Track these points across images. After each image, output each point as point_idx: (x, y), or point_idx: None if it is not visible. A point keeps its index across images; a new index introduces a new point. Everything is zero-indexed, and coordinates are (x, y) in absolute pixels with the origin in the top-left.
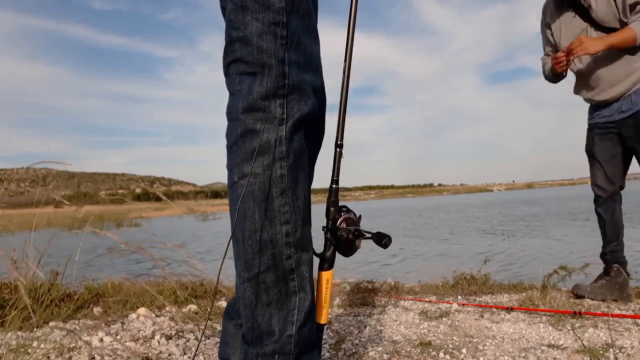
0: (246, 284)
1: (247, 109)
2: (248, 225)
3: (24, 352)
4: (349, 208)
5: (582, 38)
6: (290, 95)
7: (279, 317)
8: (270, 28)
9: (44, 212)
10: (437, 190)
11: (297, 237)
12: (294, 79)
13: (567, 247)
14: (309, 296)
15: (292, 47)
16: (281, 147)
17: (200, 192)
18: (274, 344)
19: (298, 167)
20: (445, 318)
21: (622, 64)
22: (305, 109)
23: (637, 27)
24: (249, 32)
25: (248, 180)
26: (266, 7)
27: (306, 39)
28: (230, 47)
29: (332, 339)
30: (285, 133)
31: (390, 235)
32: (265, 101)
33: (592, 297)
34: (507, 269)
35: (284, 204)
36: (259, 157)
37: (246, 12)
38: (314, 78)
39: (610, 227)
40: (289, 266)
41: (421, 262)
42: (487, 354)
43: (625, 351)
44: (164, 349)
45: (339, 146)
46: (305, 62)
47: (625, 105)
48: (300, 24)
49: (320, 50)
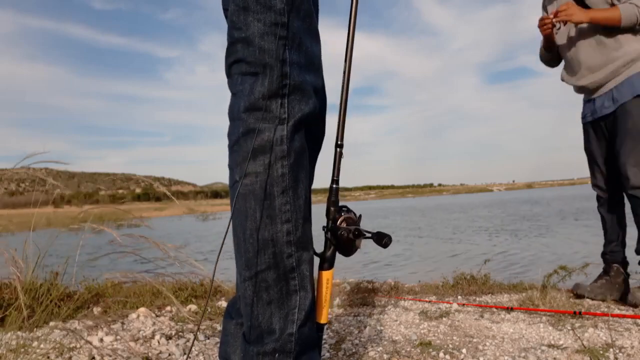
0: (247, 282)
1: (249, 108)
2: (249, 224)
3: (23, 352)
4: (349, 208)
5: (569, 4)
6: (291, 95)
7: (280, 316)
8: (272, 29)
9: (44, 212)
10: (437, 190)
11: (298, 236)
12: (295, 79)
13: (571, 246)
14: (309, 295)
15: (293, 48)
16: (282, 146)
17: (200, 192)
18: (275, 342)
19: (299, 167)
20: (445, 318)
21: (602, 50)
22: (306, 109)
23: (624, 9)
24: (250, 32)
25: (249, 179)
26: (268, 8)
27: (307, 39)
28: (232, 47)
29: (332, 339)
30: (286, 132)
31: (391, 235)
32: (267, 101)
33: (592, 296)
34: (511, 269)
35: (285, 202)
36: (260, 156)
37: (248, 13)
38: (315, 78)
39: (610, 227)
40: (289, 265)
41: (429, 263)
42: (487, 354)
43: (625, 351)
44: (164, 349)
45: (339, 146)
46: (307, 62)
47: (607, 102)
48: (301, 25)
49: (321, 51)
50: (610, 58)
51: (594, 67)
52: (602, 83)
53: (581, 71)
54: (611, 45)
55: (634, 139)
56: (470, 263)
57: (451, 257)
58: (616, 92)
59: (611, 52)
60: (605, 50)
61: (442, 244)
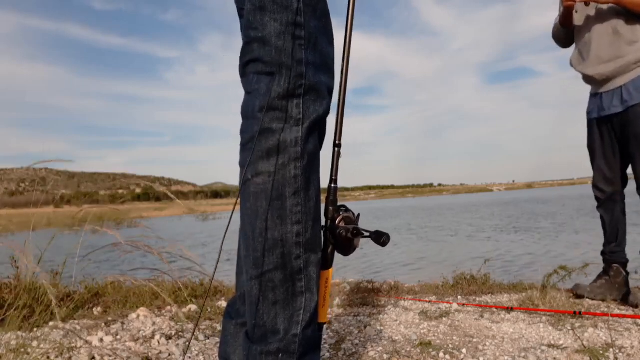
0: (254, 281)
1: (265, 108)
2: (259, 223)
3: (23, 352)
4: (348, 207)
5: None
6: (306, 96)
7: (285, 317)
8: (289, 28)
9: (44, 212)
10: (437, 190)
11: (307, 238)
12: (310, 80)
13: (576, 246)
14: (315, 297)
15: (309, 48)
16: (297, 148)
17: (200, 192)
18: (279, 342)
19: (311, 169)
20: (445, 318)
21: (616, 40)
22: (321, 110)
23: None
24: (267, 32)
25: (262, 178)
26: (284, 8)
27: (323, 39)
28: (248, 47)
29: (332, 339)
30: (301, 134)
31: (389, 234)
32: (283, 101)
33: (592, 297)
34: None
35: (296, 204)
36: (273, 156)
37: (265, 13)
38: (329, 79)
39: (609, 227)
40: (297, 266)
41: (438, 264)
42: (487, 354)
43: (625, 351)
44: (164, 349)
45: (337, 146)
46: (322, 62)
47: (616, 100)
48: (317, 25)
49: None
50: (622, 51)
51: (604, 57)
52: (610, 77)
53: (590, 59)
54: (627, 37)
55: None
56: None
57: (478, 258)
58: (625, 91)
59: (624, 46)
60: (619, 41)
61: (468, 243)
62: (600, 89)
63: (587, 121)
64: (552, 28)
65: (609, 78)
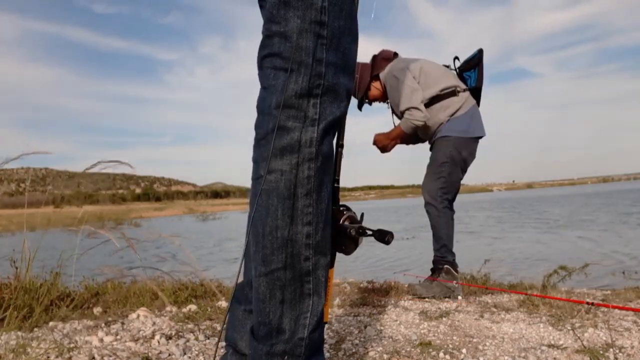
0: (262, 278)
1: (281, 105)
2: (270, 221)
3: (23, 352)
4: (349, 207)
5: (375, 136)
6: (324, 97)
7: (291, 317)
8: (312, 26)
9: (44, 212)
10: None
11: (317, 240)
12: (329, 81)
13: (582, 246)
14: (322, 301)
15: (331, 48)
16: (311, 149)
17: (200, 192)
18: (284, 344)
19: (325, 171)
20: (445, 318)
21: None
22: (338, 112)
23: (402, 123)
24: (289, 28)
25: (274, 176)
26: (309, 5)
27: (346, 40)
28: (268, 40)
29: (332, 339)
30: (316, 135)
31: (392, 232)
32: (300, 99)
33: (425, 294)
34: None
35: (308, 205)
36: (287, 155)
37: (288, 8)
38: (349, 81)
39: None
40: (306, 268)
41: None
42: (487, 354)
43: (625, 351)
44: (164, 349)
45: (339, 146)
46: (343, 64)
47: None
48: (342, 25)
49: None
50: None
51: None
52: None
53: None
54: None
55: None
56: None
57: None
58: None
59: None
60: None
61: (468, 243)
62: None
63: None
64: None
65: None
